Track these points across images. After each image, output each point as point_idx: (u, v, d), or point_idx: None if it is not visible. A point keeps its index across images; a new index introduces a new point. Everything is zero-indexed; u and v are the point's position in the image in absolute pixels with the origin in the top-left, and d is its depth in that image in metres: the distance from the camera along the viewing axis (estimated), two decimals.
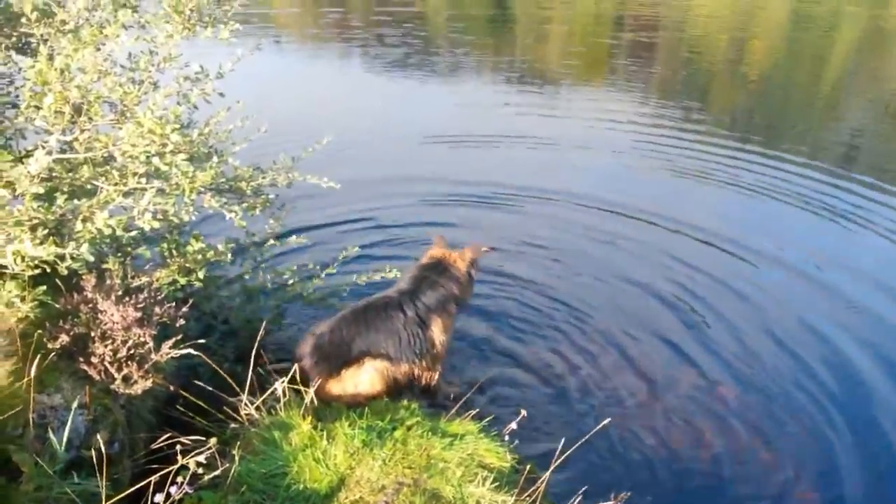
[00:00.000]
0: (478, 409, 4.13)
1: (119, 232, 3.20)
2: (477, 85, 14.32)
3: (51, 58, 3.46)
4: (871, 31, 21.97)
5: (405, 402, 3.95)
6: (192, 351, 3.34)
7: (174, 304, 3.59)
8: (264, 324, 3.99)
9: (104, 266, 3.69)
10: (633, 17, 23.52)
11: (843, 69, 17.11)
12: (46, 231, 3.27)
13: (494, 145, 9.95)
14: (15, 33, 4.37)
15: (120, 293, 3.41)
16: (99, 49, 3.74)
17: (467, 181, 8.50)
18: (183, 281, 3.95)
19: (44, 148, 3.40)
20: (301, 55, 17.00)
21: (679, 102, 13.33)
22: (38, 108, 3.44)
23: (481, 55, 17.68)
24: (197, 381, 3.62)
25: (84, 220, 3.21)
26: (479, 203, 7.97)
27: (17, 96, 4.28)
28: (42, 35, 3.86)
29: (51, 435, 2.77)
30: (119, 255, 3.96)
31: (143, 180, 3.60)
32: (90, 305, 3.30)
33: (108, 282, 3.49)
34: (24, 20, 4.17)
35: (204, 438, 2.89)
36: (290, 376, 3.54)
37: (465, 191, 8.23)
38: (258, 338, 3.73)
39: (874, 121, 12.96)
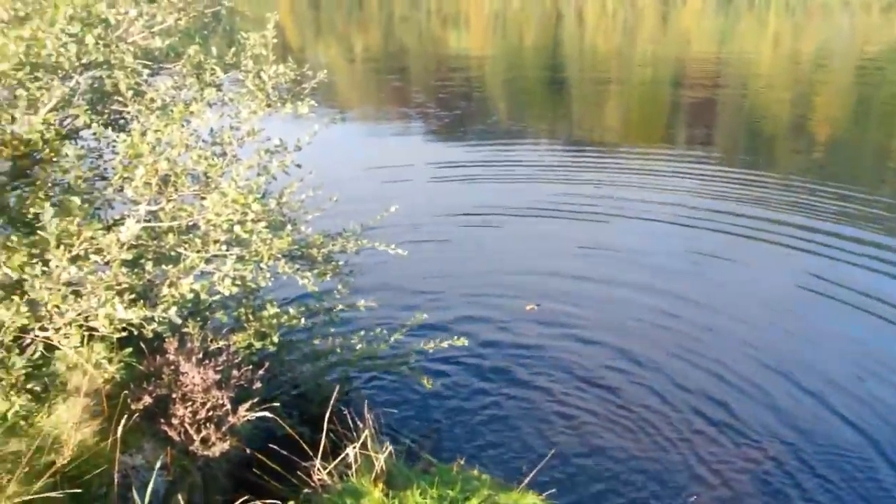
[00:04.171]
0: (548, 480, 4.04)
1: (203, 296, 3.32)
2: (532, 149, 14.40)
3: (143, 133, 3.69)
4: None
5: (476, 472, 3.89)
6: (268, 414, 3.39)
7: (250, 367, 3.67)
8: (337, 388, 4.02)
9: (184, 329, 3.82)
10: (691, 77, 23.57)
11: None
12: (133, 295, 3.42)
13: (551, 216, 9.84)
14: (106, 110, 4.68)
15: (200, 356, 3.51)
16: (185, 125, 3.97)
17: (526, 251, 8.52)
18: (258, 345, 4.04)
19: (134, 217, 3.60)
20: (363, 123, 17.51)
21: (743, 163, 13.05)
22: (129, 179, 3.64)
23: (537, 118, 17.92)
24: (271, 445, 3.66)
25: (170, 286, 3.34)
26: (534, 275, 7.89)
27: (106, 169, 4.56)
28: (134, 112, 4.12)
29: (134, 495, 2.83)
30: (198, 318, 4.10)
31: (224, 247, 3.76)
32: (172, 367, 3.40)
33: (189, 345, 3.60)
34: (116, 98, 4.49)
35: (278, 503, 2.90)
36: (360, 441, 3.55)
37: (522, 267, 8.10)
38: (332, 402, 3.76)
39: None
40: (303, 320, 4.28)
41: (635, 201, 10.11)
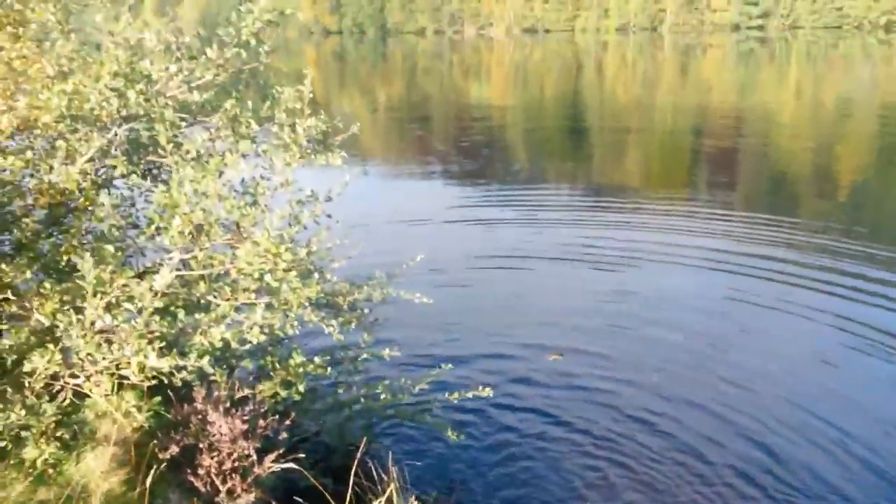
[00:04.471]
0: None
1: (234, 345, 3.34)
2: (555, 197, 14.38)
3: (179, 184, 3.77)
4: None
5: None
6: (293, 465, 3.37)
7: (276, 416, 3.66)
8: (365, 440, 3.98)
9: (211, 378, 3.83)
10: (711, 126, 23.70)
11: None
12: (164, 343, 3.46)
13: (576, 261, 9.85)
14: (142, 161, 4.80)
15: (227, 405, 3.51)
16: (219, 175, 4.06)
17: (551, 296, 8.48)
18: (284, 394, 4.04)
19: (167, 265, 3.65)
20: (387, 171, 17.73)
21: (767, 210, 12.87)
22: (165, 228, 3.70)
23: (558, 167, 17.99)
24: (295, 497, 3.62)
25: (202, 334, 3.37)
26: (560, 320, 7.82)
27: (138, 217, 4.65)
28: (171, 163, 4.21)
29: None
30: (224, 366, 4.11)
31: (253, 296, 3.80)
32: (200, 416, 3.40)
33: (216, 393, 3.61)
34: (150, 149, 4.60)
35: None
36: (386, 496, 3.50)
37: (546, 312, 8.03)
38: (359, 454, 3.72)
39: None
40: (328, 369, 4.27)
41: (660, 247, 10.11)
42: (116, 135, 4.38)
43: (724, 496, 4.83)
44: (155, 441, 3.24)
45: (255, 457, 3.36)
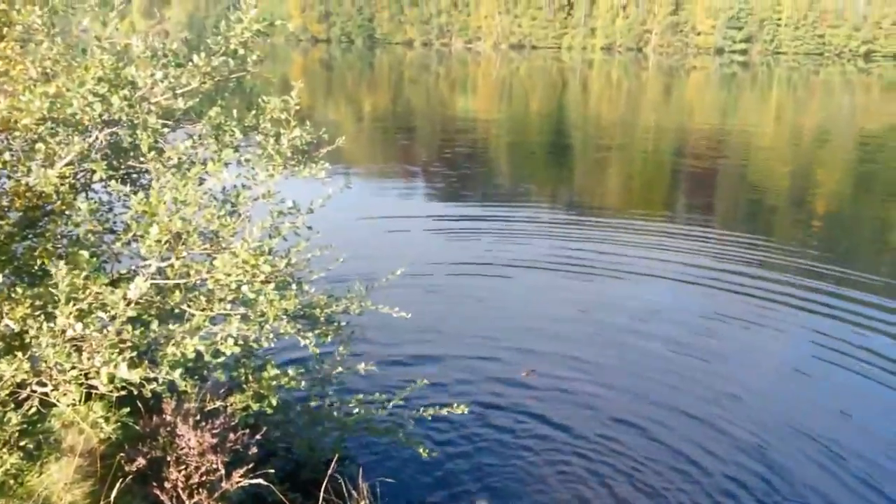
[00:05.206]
0: None
1: (208, 357, 3.30)
2: (536, 210, 14.41)
3: (159, 191, 3.72)
4: None
5: None
6: (262, 481, 3.33)
7: (247, 430, 3.62)
8: (336, 455, 3.95)
9: (181, 389, 3.77)
10: (693, 147, 23.99)
11: None
12: (135, 354, 3.40)
13: (546, 276, 9.83)
14: (122, 166, 4.74)
15: (197, 417, 3.46)
16: (201, 183, 4.02)
17: (526, 314, 8.49)
18: (256, 407, 3.99)
19: (142, 274, 3.60)
20: (369, 180, 17.63)
21: (744, 230, 13.00)
22: (142, 236, 3.65)
23: (541, 181, 18.10)
24: None
25: (175, 345, 3.33)
26: (537, 332, 7.84)
27: (115, 222, 4.58)
28: (152, 170, 4.16)
29: None
30: (195, 377, 4.05)
31: (229, 306, 3.75)
32: (168, 428, 3.35)
33: (186, 405, 3.56)
34: (131, 154, 4.54)
35: None
36: None
37: (524, 324, 8.09)
38: (329, 468, 3.69)
39: None
40: (303, 383, 4.23)
41: (639, 261, 10.26)
42: (97, 139, 4.33)
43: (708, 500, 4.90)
44: (121, 453, 3.19)
45: (223, 471, 3.31)
